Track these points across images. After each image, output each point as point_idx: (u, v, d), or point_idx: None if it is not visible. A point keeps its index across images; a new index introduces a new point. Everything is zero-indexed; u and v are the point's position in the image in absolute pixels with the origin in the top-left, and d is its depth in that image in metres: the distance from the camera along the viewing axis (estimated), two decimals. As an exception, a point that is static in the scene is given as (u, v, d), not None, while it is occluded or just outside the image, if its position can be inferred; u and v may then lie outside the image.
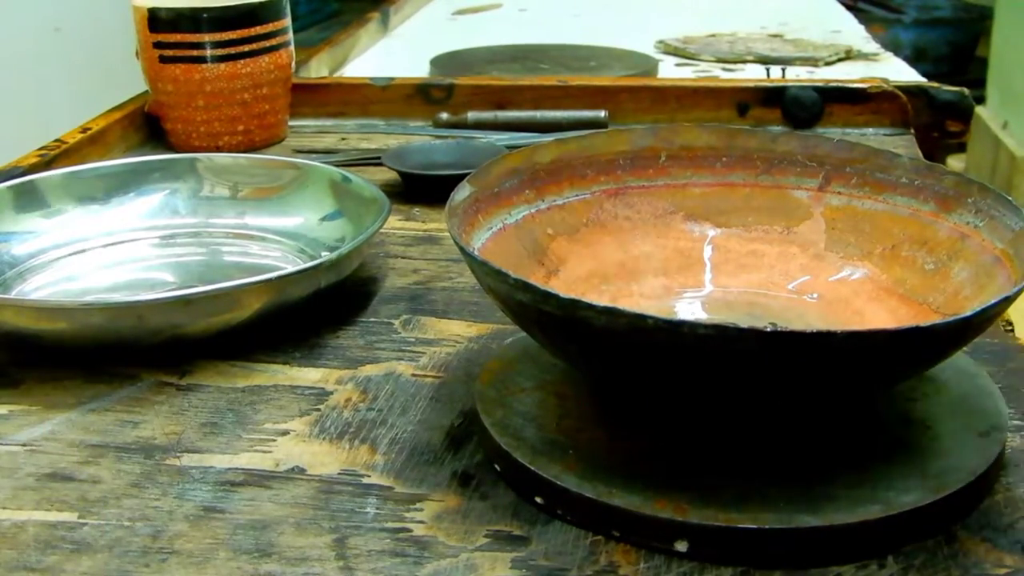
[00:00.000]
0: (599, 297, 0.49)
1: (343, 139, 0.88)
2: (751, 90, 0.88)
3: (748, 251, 0.52)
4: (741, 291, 0.51)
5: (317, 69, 1.08)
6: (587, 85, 0.90)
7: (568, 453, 0.41)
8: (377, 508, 0.41)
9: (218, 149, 0.82)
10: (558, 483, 0.39)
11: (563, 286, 0.48)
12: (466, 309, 0.57)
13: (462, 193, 0.47)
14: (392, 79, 0.93)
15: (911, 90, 0.86)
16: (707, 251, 0.52)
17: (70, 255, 0.62)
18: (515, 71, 1.08)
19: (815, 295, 0.50)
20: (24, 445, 0.46)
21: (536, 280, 0.45)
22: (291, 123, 0.89)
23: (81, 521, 0.40)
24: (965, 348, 0.48)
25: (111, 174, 0.67)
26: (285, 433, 0.46)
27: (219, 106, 0.82)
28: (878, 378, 0.39)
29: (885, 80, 0.89)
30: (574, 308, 0.36)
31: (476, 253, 0.41)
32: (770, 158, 0.52)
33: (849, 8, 1.53)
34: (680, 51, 1.22)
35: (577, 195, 0.52)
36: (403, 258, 0.64)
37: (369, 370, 0.51)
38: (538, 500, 0.40)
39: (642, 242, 0.52)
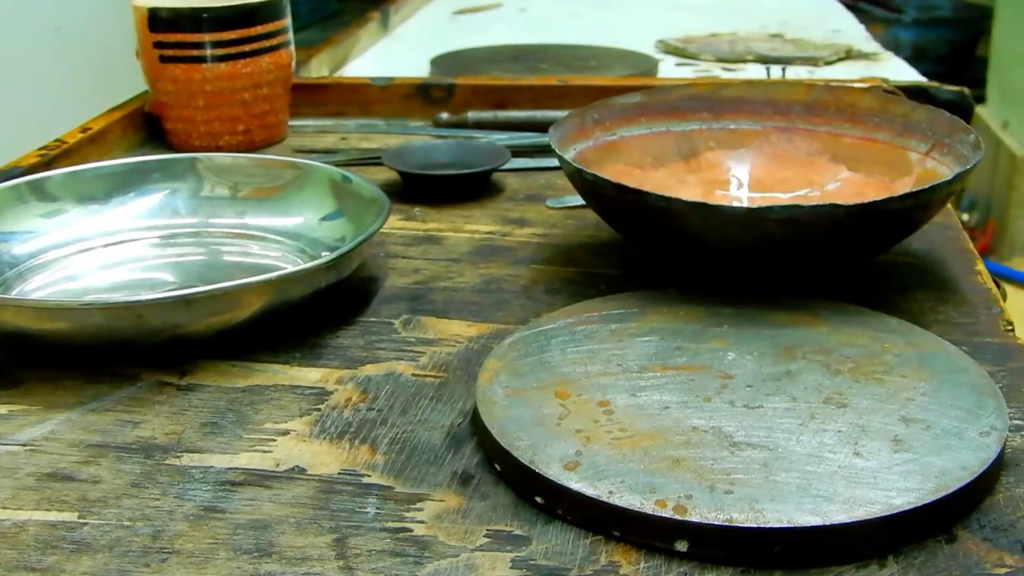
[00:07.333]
0: (723, 188, 0.67)
1: (343, 139, 0.88)
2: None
3: (855, 192, 0.64)
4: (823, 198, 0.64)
5: (317, 69, 1.08)
6: (587, 85, 0.90)
7: (569, 453, 0.41)
8: (377, 508, 0.41)
9: (218, 149, 0.82)
10: (558, 483, 0.39)
11: (697, 178, 0.66)
12: (466, 309, 0.57)
13: (630, 99, 0.67)
14: (392, 79, 0.93)
15: (911, 90, 0.86)
16: (832, 185, 0.66)
17: (70, 255, 0.63)
18: (515, 71, 1.08)
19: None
20: (24, 445, 0.46)
21: (675, 169, 0.66)
22: (291, 123, 0.89)
23: (81, 521, 0.40)
24: (965, 347, 0.49)
25: (111, 174, 0.67)
26: (285, 433, 0.46)
27: (219, 106, 0.82)
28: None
29: (885, 80, 0.89)
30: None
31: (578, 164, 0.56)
32: (906, 123, 0.64)
33: (849, 8, 1.53)
34: (680, 51, 1.22)
35: (750, 125, 0.68)
36: (403, 258, 0.64)
37: (369, 370, 0.51)
38: (538, 500, 0.40)
39: (786, 168, 0.67)
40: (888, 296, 0.57)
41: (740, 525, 0.37)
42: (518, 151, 0.80)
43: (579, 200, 0.71)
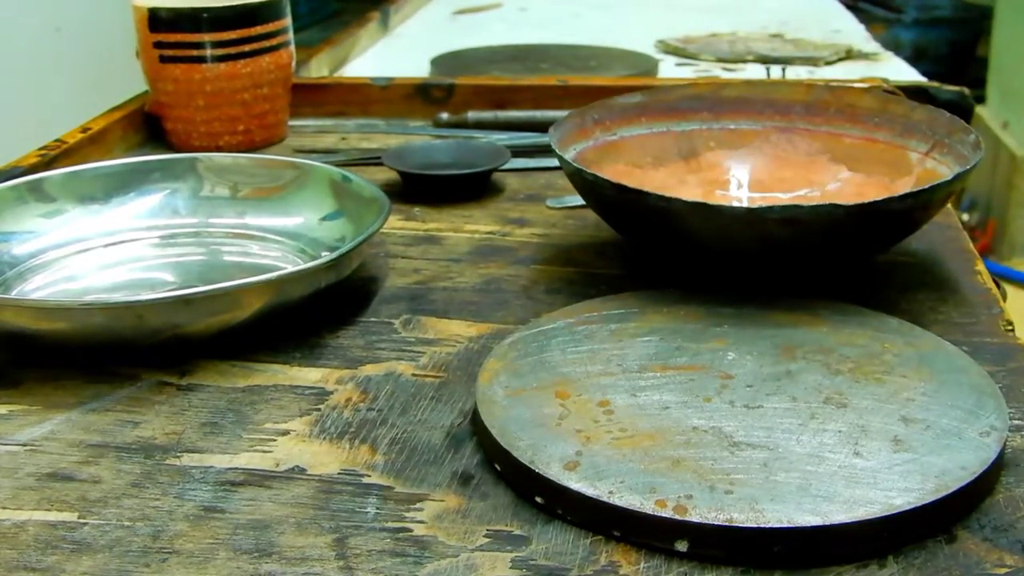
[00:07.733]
0: (723, 188, 0.67)
1: (343, 139, 0.88)
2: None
3: (855, 192, 0.64)
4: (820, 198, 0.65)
5: (317, 69, 1.08)
6: (587, 85, 0.90)
7: (569, 453, 0.41)
8: (377, 508, 0.41)
9: (218, 149, 0.82)
10: (558, 483, 0.39)
11: (697, 178, 0.67)
12: (466, 309, 0.57)
13: (630, 99, 0.67)
14: (392, 79, 0.93)
15: (911, 90, 0.86)
16: (832, 185, 0.66)
17: (70, 255, 0.63)
18: (515, 71, 1.08)
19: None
20: (24, 445, 0.46)
21: (675, 169, 0.67)
22: (291, 123, 0.89)
23: (81, 521, 0.40)
24: (965, 347, 0.49)
25: (111, 174, 0.67)
26: (285, 433, 0.46)
27: (219, 106, 0.82)
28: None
29: (885, 80, 0.89)
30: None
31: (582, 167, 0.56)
32: (906, 123, 0.64)
33: (849, 8, 1.53)
34: (680, 51, 1.22)
35: (750, 125, 0.68)
36: (403, 258, 0.64)
37: (369, 370, 0.51)
38: (538, 500, 0.40)
39: (786, 168, 0.67)
40: (888, 296, 0.57)
41: (740, 525, 0.37)
42: (518, 151, 0.80)
43: (579, 200, 0.71)
